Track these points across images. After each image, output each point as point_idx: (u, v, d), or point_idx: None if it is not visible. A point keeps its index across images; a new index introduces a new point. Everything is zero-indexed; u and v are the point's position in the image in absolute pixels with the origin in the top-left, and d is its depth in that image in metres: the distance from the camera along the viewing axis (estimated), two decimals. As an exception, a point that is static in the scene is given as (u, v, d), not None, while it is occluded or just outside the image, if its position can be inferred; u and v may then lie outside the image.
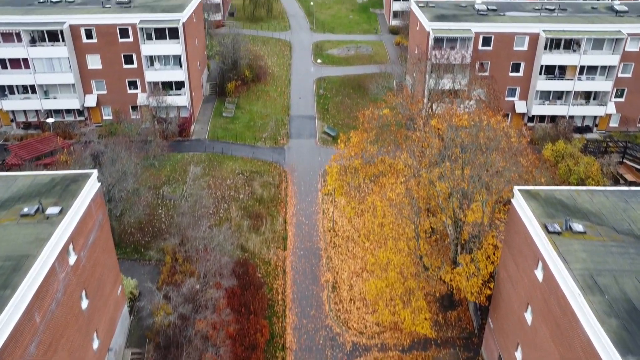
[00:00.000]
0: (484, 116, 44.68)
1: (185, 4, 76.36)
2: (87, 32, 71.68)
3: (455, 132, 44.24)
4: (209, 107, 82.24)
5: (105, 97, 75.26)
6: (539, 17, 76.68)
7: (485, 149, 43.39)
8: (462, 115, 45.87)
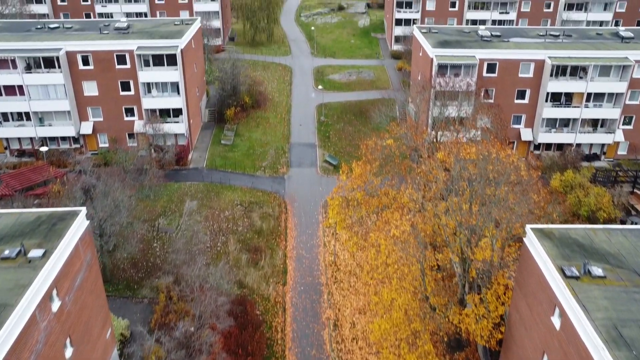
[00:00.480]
0: (492, 149, 42.75)
1: (184, 30, 75.08)
2: (84, 58, 70.27)
3: (463, 165, 42.35)
4: (208, 134, 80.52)
5: (101, 125, 73.59)
6: (543, 43, 75.25)
7: (494, 183, 41.51)
8: (469, 148, 43.96)
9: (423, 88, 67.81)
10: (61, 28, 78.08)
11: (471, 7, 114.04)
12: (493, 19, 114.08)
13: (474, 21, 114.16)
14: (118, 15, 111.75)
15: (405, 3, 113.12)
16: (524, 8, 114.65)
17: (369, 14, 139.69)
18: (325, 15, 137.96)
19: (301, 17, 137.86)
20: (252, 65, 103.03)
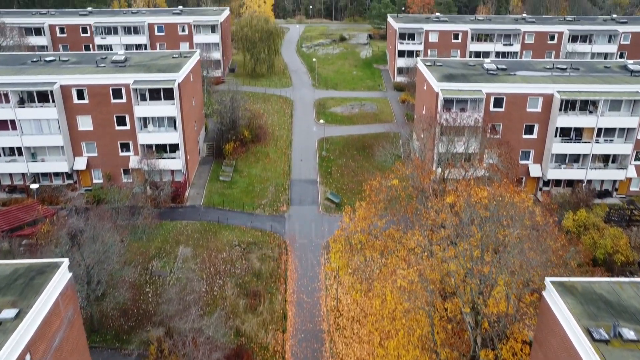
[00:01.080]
0: (505, 192, 40.14)
1: (182, 63, 73.21)
2: (79, 92, 68.24)
3: (474, 210, 39.69)
4: (206, 170, 78.08)
5: (96, 160, 71.20)
6: (551, 76, 73.25)
7: (507, 228, 38.82)
8: (480, 191, 41.34)
9: (429, 125, 65.44)
10: (57, 61, 76.35)
11: (474, 39, 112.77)
12: (497, 51, 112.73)
13: (478, 53, 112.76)
14: (117, 47, 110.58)
15: (408, 35, 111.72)
16: (528, 40, 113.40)
17: (371, 45, 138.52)
18: (327, 46, 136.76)
19: (302, 48, 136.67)
20: (252, 97, 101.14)
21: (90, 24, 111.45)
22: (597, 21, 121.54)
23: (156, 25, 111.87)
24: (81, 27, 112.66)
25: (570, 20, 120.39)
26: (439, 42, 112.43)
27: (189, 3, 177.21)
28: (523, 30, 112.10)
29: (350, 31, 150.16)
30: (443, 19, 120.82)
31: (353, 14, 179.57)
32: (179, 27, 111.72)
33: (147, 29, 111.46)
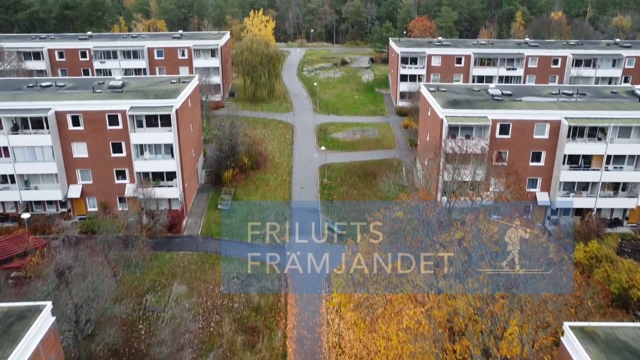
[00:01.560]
0: (520, 231, 38.04)
1: (180, 89, 71.62)
2: (74, 118, 66.58)
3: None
4: (204, 198, 76.04)
5: (90, 188, 69.23)
6: (558, 102, 71.59)
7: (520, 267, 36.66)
8: (491, 227, 39.23)
9: (435, 154, 63.48)
10: (53, 86, 74.85)
11: (477, 63, 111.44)
12: (500, 75, 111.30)
13: (481, 77, 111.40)
14: (116, 72, 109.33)
15: (410, 59, 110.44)
16: (531, 64, 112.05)
17: (372, 68, 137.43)
18: (328, 70, 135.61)
19: (303, 72, 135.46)
20: (252, 122, 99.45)
21: (89, 48, 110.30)
22: (601, 45, 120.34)
23: (156, 50, 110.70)
24: (80, 51, 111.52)
25: (573, 45, 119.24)
26: (442, 66, 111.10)
27: (190, 27, 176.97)
28: (526, 55, 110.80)
29: (352, 55, 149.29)
30: (445, 43, 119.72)
31: (354, 38, 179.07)
32: (179, 51, 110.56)
33: (147, 53, 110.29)
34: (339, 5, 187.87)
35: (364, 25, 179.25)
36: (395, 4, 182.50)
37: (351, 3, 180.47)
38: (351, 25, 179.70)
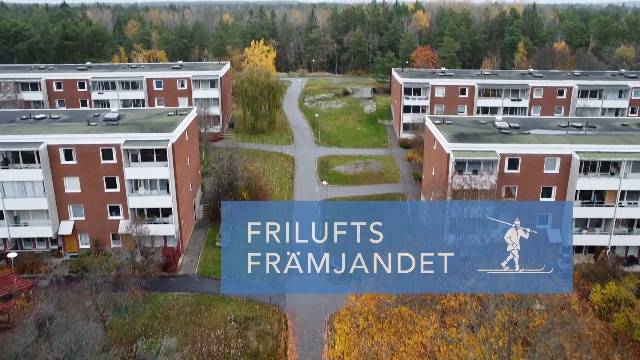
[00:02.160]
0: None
1: (177, 122, 69.41)
2: (67, 152, 64.27)
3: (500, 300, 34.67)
4: (201, 234, 73.24)
5: (83, 224, 66.54)
6: (567, 135, 69.26)
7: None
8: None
9: (442, 192, 60.90)
10: (47, 119, 72.78)
11: (482, 94, 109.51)
12: (505, 106, 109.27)
13: (485, 108, 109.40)
14: (115, 103, 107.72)
15: (414, 90, 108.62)
16: (536, 95, 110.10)
17: (375, 99, 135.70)
18: (330, 100, 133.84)
19: (305, 103, 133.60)
20: (252, 155, 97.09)
21: (88, 79, 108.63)
22: (606, 76, 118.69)
23: (155, 80, 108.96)
24: (78, 82, 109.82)
25: (578, 75, 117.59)
26: (446, 97, 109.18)
27: (191, 57, 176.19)
28: (531, 85, 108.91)
29: (354, 85, 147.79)
30: (449, 73, 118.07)
31: (356, 68, 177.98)
32: (178, 82, 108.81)
33: (146, 84, 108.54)
34: (340, 35, 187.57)
35: (366, 55, 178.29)
36: (397, 34, 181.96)
37: (353, 33, 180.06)
38: (353, 55, 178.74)
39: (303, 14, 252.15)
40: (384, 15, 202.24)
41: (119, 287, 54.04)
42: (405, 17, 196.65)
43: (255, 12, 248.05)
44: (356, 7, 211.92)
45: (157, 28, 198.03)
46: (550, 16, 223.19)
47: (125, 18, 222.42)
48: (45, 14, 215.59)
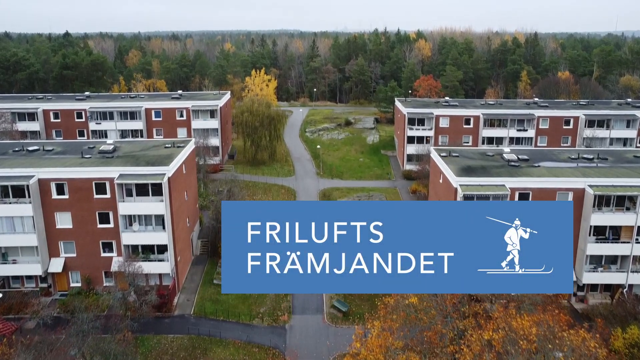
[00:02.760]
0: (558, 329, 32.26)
1: (174, 154, 66.98)
2: (59, 186, 61.85)
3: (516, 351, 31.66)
4: (199, 271, 70.27)
5: (74, 261, 63.72)
6: (579, 168, 66.66)
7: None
8: (524, 323, 33.43)
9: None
10: (40, 151, 70.48)
11: (487, 124, 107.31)
12: (511, 137, 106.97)
13: (490, 139, 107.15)
14: (113, 133, 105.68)
15: (418, 120, 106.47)
16: (542, 125, 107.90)
17: (377, 129, 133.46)
18: (332, 130, 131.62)
19: (306, 133, 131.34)
20: (252, 187, 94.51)
21: (85, 109, 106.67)
22: (612, 105, 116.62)
23: (153, 110, 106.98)
24: (76, 112, 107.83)
25: (584, 105, 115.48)
26: (450, 127, 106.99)
27: (192, 86, 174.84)
28: (537, 115, 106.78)
29: (356, 115, 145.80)
30: (453, 103, 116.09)
31: (358, 97, 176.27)
32: (177, 112, 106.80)
33: (144, 114, 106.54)
34: (342, 63, 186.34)
35: (368, 84, 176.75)
36: (399, 62, 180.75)
37: (355, 62, 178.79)
38: (355, 84, 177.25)
39: (305, 42, 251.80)
40: (386, 44, 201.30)
41: (108, 330, 50.95)
42: (407, 46, 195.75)
43: (256, 41, 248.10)
44: (358, 36, 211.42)
45: (159, 57, 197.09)
46: (552, 45, 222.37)
47: (127, 47, 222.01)
48: (48, 43, 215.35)
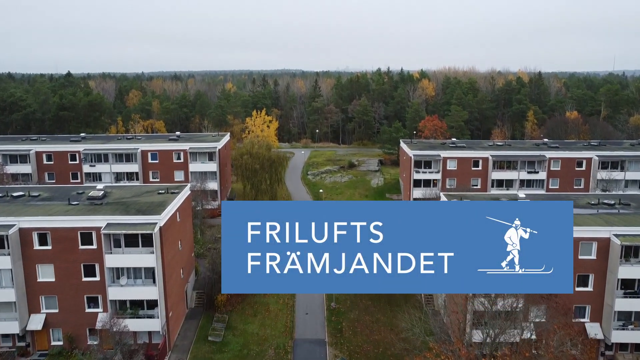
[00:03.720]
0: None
1: (167, 202, 62.52)
2: (41, 236, 57.34)
3: None
4: (193, 327, 65.03)
5: (56, 318, 58.65)
6: (600, 215, 62.01)
7: None
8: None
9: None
10: (26, 197, 66.22)
11: (496, 166, 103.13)
12: (521, 179, 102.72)
13: (500, 181, 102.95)
14: (107, 176, 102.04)
15: (424, 162, 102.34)
16: (554, 167, 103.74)
17: (382, 171, 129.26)
18: (335, 173, 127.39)
19: (308, 176, 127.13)
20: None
21: (79, 151, 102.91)
22: (624, 146, 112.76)
23: (150, 153, 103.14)
24: (70, 154, 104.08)
25: (596, 145, 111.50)
26: (458, 170, 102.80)
27: (192, 126, 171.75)
28: (548, 157, 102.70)
29: (360, 156, 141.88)
30: (460, 144, 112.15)
31: (362, 138, 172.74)
32: (174, 154, 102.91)
33: (140, 156, 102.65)
34: (345, 104, 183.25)
35: (372, 124, 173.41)
36: (403, 102, 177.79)
37: (358, 102, 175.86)
38: (358, 124, 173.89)
39: (306, 82, 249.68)
40: (389, 83, 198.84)
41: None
42: (411, 86, 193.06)
43: (258, 80, 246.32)
44: (360, 76, 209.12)
45: (159, 97, 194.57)
46: (556, 84, 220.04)
47: (127, 87, 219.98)
48: (48, 83, 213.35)
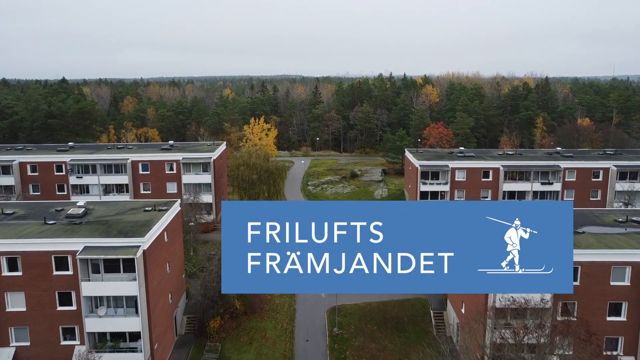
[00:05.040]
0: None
1: (153, 221, 56.64)
2: (11, 261, 51.58)
3: None
4: (182, 357, 59.04)
5: (27, 351, 52.65)
6: (631, 235, 56.14)
7: None
8: None
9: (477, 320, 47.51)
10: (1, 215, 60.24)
11: (508, 177, 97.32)
12: (534, 190, 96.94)
13: (512, 193, 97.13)
14: (95, 188, 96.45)
15: (432, 173, 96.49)
16: (569, 177, 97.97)
17: (386, 182, 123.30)
18: (336, 184, 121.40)
19: (308, 186, 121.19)
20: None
21: (66, 162, 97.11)
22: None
23: (141, 163, 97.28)
24: (55, 164, 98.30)
25: (612, 154, 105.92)
26: (467, 181, 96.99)
27: (188, 134, 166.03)
28: (563, 167, 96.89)
29: (362, 166, 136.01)
30: (468, 153, 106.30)
31: (364, 146, 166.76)
32: (167, 165, 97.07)
33: (131, 167, 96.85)
34: (346, 110, 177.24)
35: (374, 132, 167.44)
36: (406, 109, 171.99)
37: (359, 108, 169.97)
38: (360, 132, 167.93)
39: (307, 88, 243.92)
40: (392, 89, 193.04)
41: None
42: (414, 92, 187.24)
43: (256, 86, 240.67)
44: (362, 81, 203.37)
45: (155, 104, 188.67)
46: (563, 90, 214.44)
47: (122, 94, 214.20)
48: (41, 90, 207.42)
